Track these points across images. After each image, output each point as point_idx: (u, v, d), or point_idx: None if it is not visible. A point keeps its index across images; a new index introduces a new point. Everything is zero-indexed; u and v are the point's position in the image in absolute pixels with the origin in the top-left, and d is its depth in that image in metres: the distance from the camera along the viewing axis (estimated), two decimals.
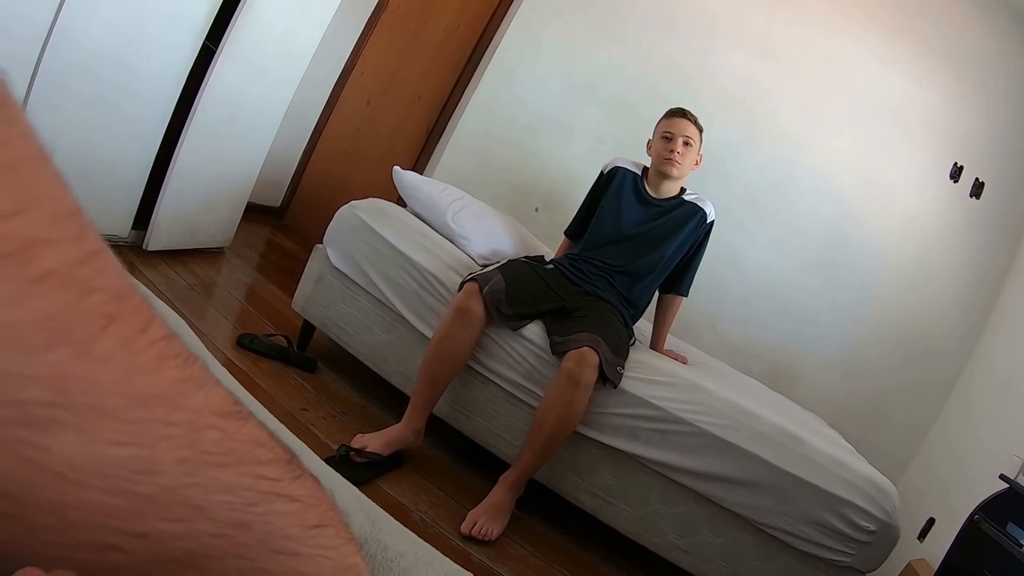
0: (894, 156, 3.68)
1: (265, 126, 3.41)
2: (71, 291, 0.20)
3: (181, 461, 0.24)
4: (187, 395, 0.25)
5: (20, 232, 0.19)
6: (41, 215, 0.20)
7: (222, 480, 0.26)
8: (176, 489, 0.24)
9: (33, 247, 0.19)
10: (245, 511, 0.27)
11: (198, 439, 0.25)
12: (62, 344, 0.20)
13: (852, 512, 2.05)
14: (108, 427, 0.21)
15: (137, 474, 0.22)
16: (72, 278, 0.20)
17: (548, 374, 2.21)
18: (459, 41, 4.34)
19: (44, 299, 0.19)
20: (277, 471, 0.30)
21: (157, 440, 0.23)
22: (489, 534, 2.02)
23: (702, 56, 3.79)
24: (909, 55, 3.65)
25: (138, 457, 0.22)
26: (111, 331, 0.21)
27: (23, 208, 0.19)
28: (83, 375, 0.20)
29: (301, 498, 0.31)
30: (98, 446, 0.21)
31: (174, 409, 0.24)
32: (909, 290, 3.65)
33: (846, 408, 3.61)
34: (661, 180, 2.54)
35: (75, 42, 2.22)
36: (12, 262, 0.18)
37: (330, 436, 2.20)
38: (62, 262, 0.20)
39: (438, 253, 2.49)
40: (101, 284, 0.21)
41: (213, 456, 0.26)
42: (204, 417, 0.25)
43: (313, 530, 0.31)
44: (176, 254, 3.11)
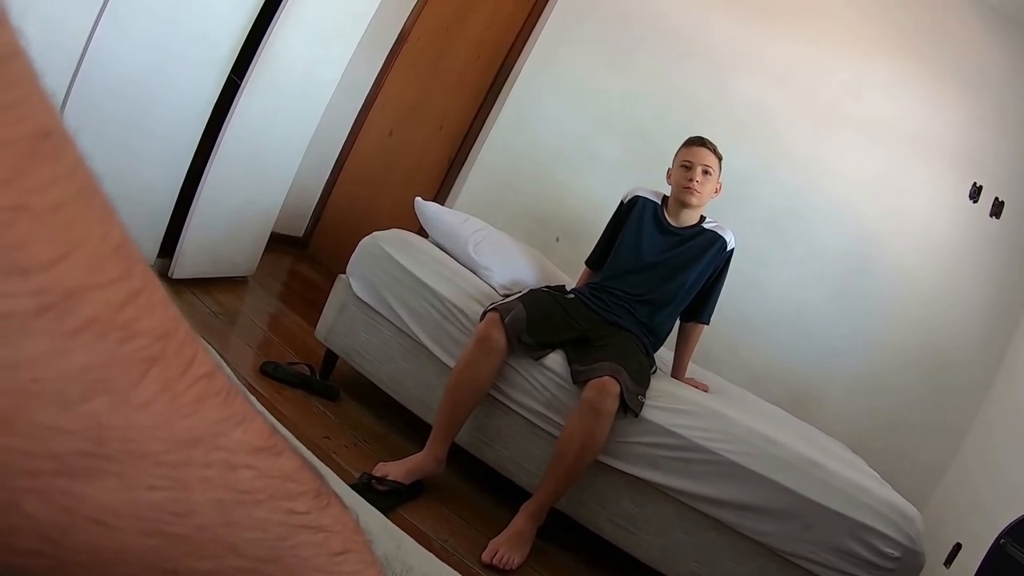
0: (912, 178, 3.67)
1: (289, 157, 3.46)
2: (111, 339, 0.19)
3: (216, 502, 0.24)
4: (225, 435, 0.24)
5: (61, 282, 0.18)
6: (84, 259, 0.19)
7: (254, 518, 0.26)
8: (209, 528, 0.24)
9: (74, 296, 0.18)
10: (275, 546, 0.27)
11: (233, 479, 0.25)
12: (101, 394, 0.19)
13: (876, 539, 2.02)
14: (145, 472, 0.21)
15: (172, 516, 0.22)
16: (114, 324, 0.19)
17: (569, 403, 2.21)
18: (479, 72, 4.39)
19: (84, 351, 0.18)
20: (306, 503, 0.30)
21: (193, 483, 0.23)
22: (510, 563, 2.02)
23: (719, 85, 3.81)
24: (925, 76, 3.65)
25: (174, 500, 0.22)
26: (151, 376, 0.21)
27: (65, 254, 0.18)
28: (122, 423, 0.20)
29: (328, 527, 0.31)
30: (135, 491, 0.21)
31: (211, 450, 0.23)
32: (930, 313, 3.62)
33: (868, 433, 3.56)
34: (681, 209, 2.55)
35: (102, 76, 2.28)
36: (52, 315, 0.17)
37: (352, 464, 2.21)
38: (104, 307, 0.19)
39: (460, 283, 2.51)
40: (144, 326, 0.21)
41: (247, 495, 0.25)
42: (239, 456, 0.25)
43: (338, 557, 0.32)
44: (201, 282, 3.15)
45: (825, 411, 3.63)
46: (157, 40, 2.43)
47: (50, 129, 0.18)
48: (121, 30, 2.26)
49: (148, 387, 0.21)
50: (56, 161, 0.18)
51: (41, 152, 0.17)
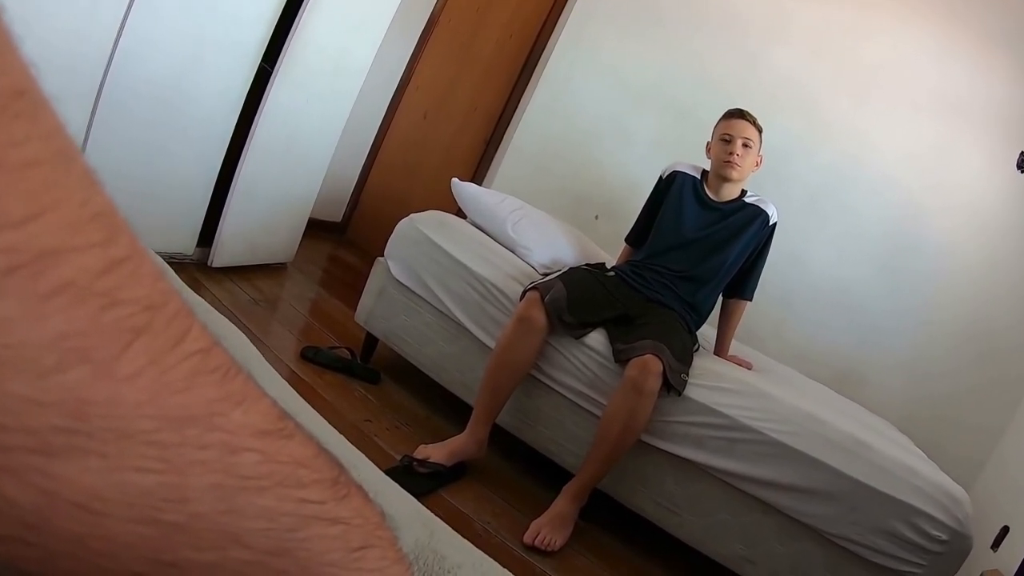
0: (957, 148, 3.55)
1: (323, 143, 3.47)
2: (91, 304, 0.18)
3: (214, 487, 0.22)
4: (223, 414, 0.23)
5: (34, 241, 0.17)
6: (60, 220, 0.18)
7: (259, 505, 0.24)
8: (208, 516, 0.22)
9: (48, 257, 0.17)
10: (284, 537, 0.26)
11: (234, 463, 0.23)
12: (79, 364, 0.18)
13: (923, 521, 1.97)
14: (133, 452, 0.20)
15: (166, 502, 0.21)
16: (93, 290, 0.18)
17: (611, 382, 2.19)
18: (512, 51, 4.36)
19: (59, 316, 0.17)
20: (321, 493, 0.28)
21: (188, 465, 0.21)
22: (552, 544, 2.01)
23: (756, 56, 3.73)
24: (969, 42, 3.52)
25: (166, 484, 0.21)
26: (137, 347, 0.20)
27: (37, 213, 0.17)
28: (104, 397, 0.19)
29: (346, 520, 0.29)
30: (122, 473, 0.19)
31: (207, 430, 0.22)
32: (977, 289, 3.51)
33: (915, 412, 3.49)
34: (721, 183, 2.51)
35: (135, 69, 2.30)
36: (23, 275, 0.17)
37: (394, 447, 2.22)
38: (82, 272, 0.18)
39: (499, 263, 2.50)
40: (129, 295, 0.20)
41: (250, 481, 0.24)
42: (241, 438, 0.24)
43: (357, 552, 0.30)
44: (240, 270, 3.18)
45: (870, 389, 3.56)
46: (187, 32, 2.45)
47: (24, 88, 0.17)
48: (150, 24, 2.28)
49: (133, 359, 0.19)
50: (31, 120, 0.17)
51: (14, 109, 0.17)
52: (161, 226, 2.75)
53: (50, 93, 0.18)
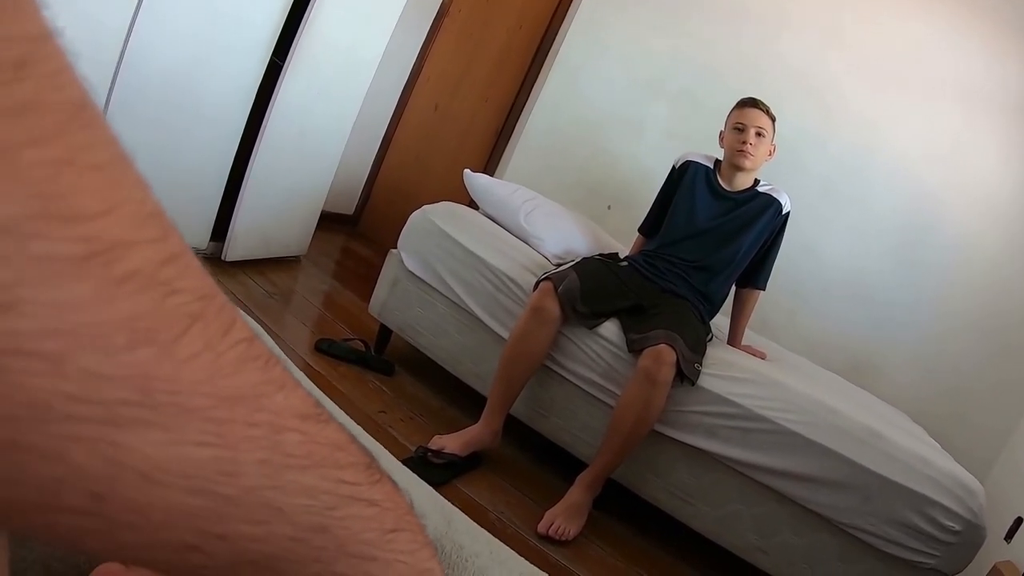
0: (973, 136, 3.51)
1: (335, 136, 3.48)
2: (155, 292, 0.20)
3: (262, 463, 0.24)
4: (268, 396, 0.25)
5: (106, 233, 0.19)
6: (126, 216, 0.20)
7: (302, 483, 0.26)
8: (257, 491, 0.24)
9: (119, 248, 0.19)
10: (324, 515, 0.27)
11: (279, 441, 0.25)
12: (146, 344, 0.20)
13: (937, 512, 1.96)
14: (191, 427, 0.21)
15: (219, 475, 0.22)
16: (156, 279, 0.20)
17: (625, 372, 2.20)
18: (523, 41, 4.35)
19: (129, 300, 0.19)
20: (356, 475, 0.30)
21: (239, 441, 0.23)
22: (566, 534, 2.02)
23: (770, 44, 3.70)
24: (984, 30, 3.48)
25: (220, 458, 0.22)
26: (194, 331, 0.21)
27: (109, 210, 0.19)
28: (167, 375, 0.20)
29: (379, 502, 0.31)
30: (181, 446, 0.21)
31: (255, 410, 0.24)
32: (994, 279, 3.48)
33: (929, 402, 3.46)
34: (734, 172, 2.50)
35: (146, 65, 2.30)
36: (98, 262, 0.18)
37: (408, 438, 2.23)
38: (146, 263, 0.20)
39: (512, 254, 2.50)
40: (184, 285, 0.22)
41: (293, 459, 0.25)
42: (285, 419, 0.25)
43: (390, 534, 0.31)
44: (254, 264, 3.19)
45: (884, 380, 3.54)
46: (197, 27, 2.45)
47: (86, 103, 0.19)
48: (160, 19, 2.28)
49: (191, 342, 0.21)
50: (93, 129, 0.20)
51: (81, 119, 0.19)
52: (174, 221, 2.75)
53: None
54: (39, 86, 0.17)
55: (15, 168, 0.17)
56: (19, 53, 0.17)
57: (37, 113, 0.17)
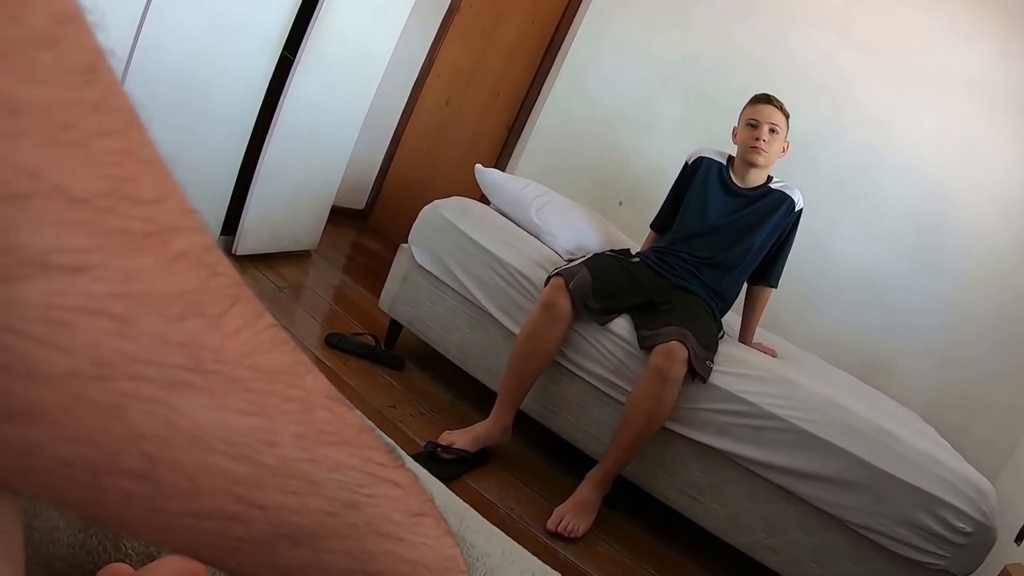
0: (984, 132, 3.48)
1: (346, 131, 3.48)
2: (202, 271, 0.22)
3: (298, 436, 0.25)
4: (300, 376, 0.27)
5: (162, 217, 0.21)
6: (175, 206, 0.22)
7: (334, 459, 0.27)
8: (293, 462, 0.25)
9: (172, 231, 0.21)
10: (355, 491, 0.28)
11: (312, 417, 0.26)
12: (196, 316, 0.22)
13: (948, 512, 1.95)
14: (235, 396, 0.23)
15: (260, 443, 0.24)
16: (203, 261, 0.22)
17: (636, 369, 2.19)
18: (534, 36, 4.34)
19: (181, 275, 0.21)
20: (382, 456, 0.31)
21: (277, 413, 0.25)
22: (575, 531, 2.02)
23: (781, 40, 3.68)
24: (998, 25, 3.45)
25: (261, 428, 0.24)
26: (235, 310, 0.23)
27: (162, 198, 0.21)
28: (215, 345, 0.22)
29: (405, 485, 0.32)
30: (226, 413, 0.22)
31: (291, 386, 0.26)
32: (1008, 277, 3.45)
33: (941, 402, 3.44)
34: (747, 169, 2.48)
35: (157, 59, 2.30)
36: (156, 240, 0.20)
37: (418, 433, 2.23)
38: (194, 247, 0.22)
39: (523, 249, 2.49)
40: (224, 270, 0.24)
41: (326, 435, 0.27)
42: (316, 398, 0.27)
43: (415, 517, 0.33)
44: (264, 258, 3.20)
45: (896, 378, 3.52)
46: (208, 22, 2.45)
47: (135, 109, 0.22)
48: (171, 15, 2.28)
49: (234, 319, 0.23)
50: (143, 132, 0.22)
51: (136, 121, 0.22)
52: None
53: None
54: (108, 88, 0.20)
55: (92, 153, 0.19)
56: (92, 60, 0.20)
57: (108, 110, 0.20)
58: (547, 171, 3.76)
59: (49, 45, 0.18)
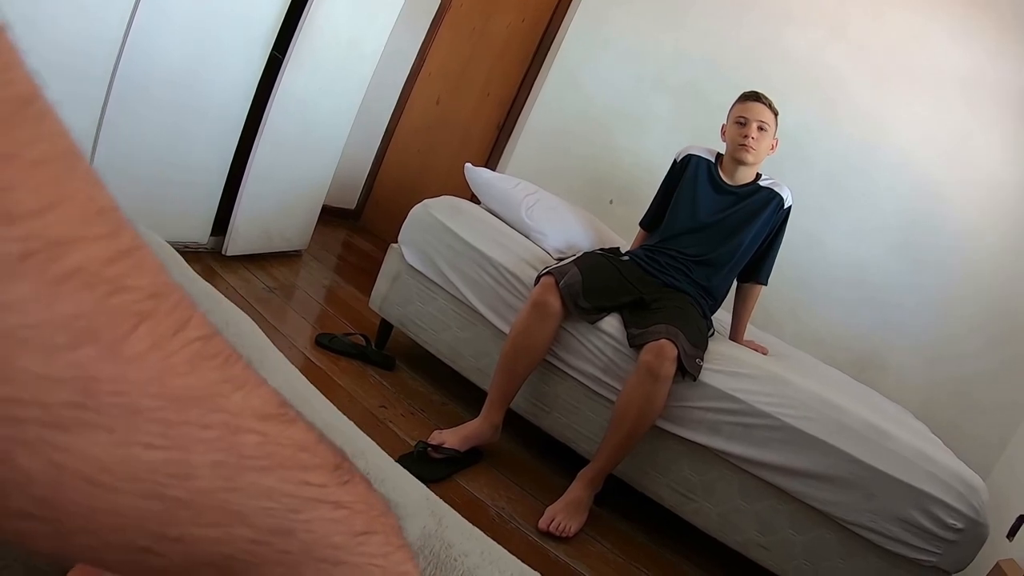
0: (976, 130, 3.50)
1: (336, 130, 3.47)
2: (99, 290, 0.20)
3: (216, 465, 0.23)
4: (224, 396, 0.24)
5: (47, 231, 0.19)
6: (69, 213, 0.19)
7: (261, 485, 0.25)
8: (211, 493, 0.23)
9: (60, 245, 0.19)
10: (286, 518, 0.27)
11: (235, 442, 0.24)
12: (88, 344, 0.19)
13: (939, 509, 1.95)
14: (139, 429, 0.21)
15: (170, 478, 0.22)
16: (101, 276, 0.20)
17: (626, 367, 2.19)
18: (524, 35, 4.34)
19: (70, 298, 0.19)
20: (323, 476, 0.29)
21: (191, 443, 0.23)
22: (567, 530, 2.01)
23: (773, 38, 3.69)
24: (986, 26, 3.46)
25: (171, 460, 0.22)
26: (142, 330, 0.21)
27: (50, 206, 0.19)
28: (111, 375, 0.20)
29: (348, 504, 0.30)
30: (129, 448, 0.21)
31: (209, 411, 0.23)
32: (1000, 275, 3.47)
33: (933, 399, 3.46)
34: (736, 166, 2.48)
35: (146, 59, 2.29)
36: (37, 261, 0.18)
37: (409, 433, 2.23)
38: (90, 260, 0.20)
39: (513, 248, 2.49)
40: (134, 283, 0.21)
41: (252, 460, 0.25)
42: (242, 420, 0.25)
43: (360, 537, 0.31)
44: (255, 258, 3.19)
45: (888, 375, 3.53)
46: (197, 20, 2.44)
47: (33, 97, 0.19)
48: (160, 15, 2.27)
49: (138, 341, 0.21)
50: (40, 124, 0.19)
51: (26, 114, 0.19)
52: (175, 216, 2.76)
53: (54, 99, 0.20)
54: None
55: None
56: None
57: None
58: (537, 170, 3.76)
59: None
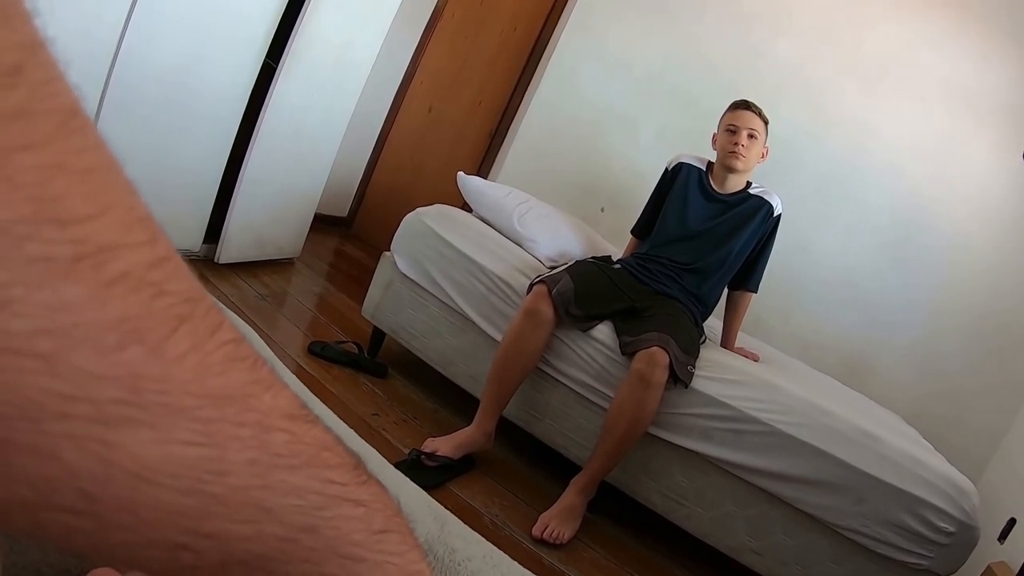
0: (964, 139, 3.53)
1: (329, 138, 3.48)
2: (144, 293, 0.21)
3: (250, 462, 0.24)
4: (256, 396, 0.25)
5: (96, 236, 0.19)
6: (115, 220, 0.20)
7: (290, 483, 0.26)
8: (245, 490, 0.24)
9: (108, 251, 0.20)
10: (313, 515, 0.27)
11: (267, 441, 0.25)
12: (136, 344, 0.20)
13: (930, 513, 1.96)
14: (180, 426, 0.21)
15: (208, 474, 0.22)
16: (145, 281, 0.21)
17: (618, 375, 2.19)
18: (516, 43, 4.35)
19: (119, 301, 0.20)
20: (344, 475, 0.30)
21: (228, 440, 0.23)
22: (561, 537, 2.02)
23: (761, 46, 3.71)
24: (976, 32, 3.49)
25: (209, 457, 0.22)
26: (182, 332, 0.22)
27: (99, 213, 0.20)
28: (156, 374, 0.21)
29: (367, 503, 0.31)
30: (170, 445, 0.21)
31: (244, 410, 0.24)
32: (986, 279, 3.49)
33: (923, 403, 3.47)
34: (726, 174, 2.50)
35: (139, 66, 2.30)
36: (88, 264, 0.19)
37: (401, 440, 2.23)
38: (136, 265, 0.21)
39: (505, 256, 2.50)
40: (172, 287, 0.22)
41: (282, 458, 0.26)
42: (272, 419, 0.26)
43: (379, 535, 0.31)
44: (247, 266, 3.19)
45: (878, 381, 3.55)
46: (191, 28, 2.45)
47: (76, 109, 0.20)
48: (154, 20, 2.28)
49: (179, 343, 0.22)
50: (84, 135, 0.20)
51: (72, 125, 0.19)
52: (168, 223, 2.60)
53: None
54: (31, 93, 0.18)
55: (8, 172, 0.17)
56: (11, 61, 0.17)
57: (29, 119, 0.18)
58: (529, 178, 3.76)
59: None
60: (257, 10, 2.68)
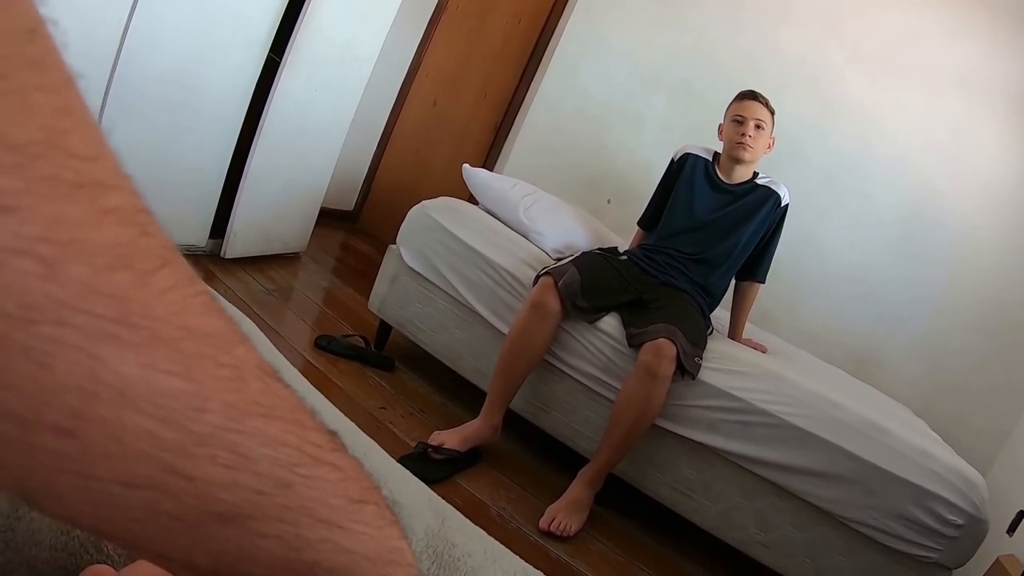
0: (973, 130, 3.50)
1: (333, 132, 3.47)
2: (133, 229, 0.22)
3: (228, 405, 0.25)
4: (233, 344, 0.26)
5: (93, 172, 0.21)
6: (109, 165, 0.22)
7: (266, 432, 0.26)
8: (223, 432, 0.25)
9: (103, 186, 0.22)
10: (289, 469, 0.27)
11: (244, 387, 0.26)
12: (125, 269, 0.22)
13: (939, 505, 1.96)
14: (162, 354, 0.23)
15: (187, 408, 0.23)
16: (134, 220, 0.23)
17: (625, 367, 2.19)
18: (521, 36, 4.34)
19: (111, 228, 0.21)
20: (320, 438, 0.30)
21: (206, 378, 0.24)
22: (567, 529, 2.02)
23: (769, 36, 3.69)
24: (984, 22, 3.47)
25: (188, 391, 0.23)
26: (166, 271, 0.23)
27: (96, 156, 0.22)
28: (142, 300, 0.22)
29: (344, 469, 0.31)
30: (153, 371, 0.22)
31: (222, 352, 0.25)
32: (996, 271, 3.47)
33: (932, 396, 3.46)
34: (733, 165, 2.49)
35: (143, 62, 2.30)
36: (87, 192, 0.21)
37: (408, 434, 2.23)
38: (125, 204, 0.22)
39: (512, 249, 2.49)
40: (155, 232, 0.24)
41: (258, 406, 0.26)
42: (248, 369, 0.27)
43: (356, 504, 0.31)
44: (253, 261, 3.19)
45: (886, 373, 3.54)
46: (195, 23, 2.44)
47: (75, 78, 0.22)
48: (158, 17, 2.28)
49: (164, 278, 0.23)
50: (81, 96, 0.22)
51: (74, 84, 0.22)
52: (173, 219, 2.76)
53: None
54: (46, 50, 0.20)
55: (28, 103, 0.19)
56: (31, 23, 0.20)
57: (45, 68, 0.20)
58: (535, 170, 3.75)
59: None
60: (260, 5, 2.68)
